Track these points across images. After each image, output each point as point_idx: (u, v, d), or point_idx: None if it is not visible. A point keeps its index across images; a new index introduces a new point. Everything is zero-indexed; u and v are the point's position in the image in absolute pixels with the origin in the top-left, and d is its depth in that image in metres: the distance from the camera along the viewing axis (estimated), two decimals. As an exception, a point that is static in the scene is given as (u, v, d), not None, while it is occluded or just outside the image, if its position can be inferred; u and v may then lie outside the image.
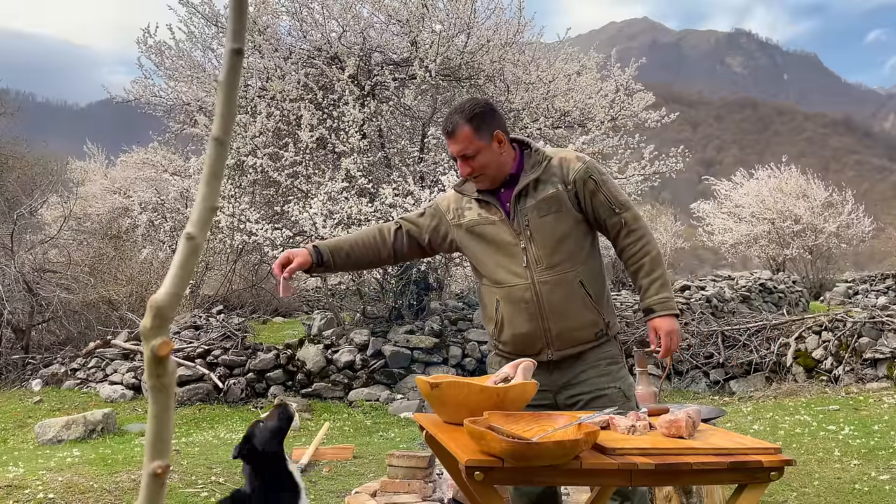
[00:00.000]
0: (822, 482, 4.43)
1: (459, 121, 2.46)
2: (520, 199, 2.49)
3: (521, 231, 2.47)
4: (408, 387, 8.33)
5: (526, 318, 2.47)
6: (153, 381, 0.63)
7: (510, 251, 2.49)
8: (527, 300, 2.46)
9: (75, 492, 4.39)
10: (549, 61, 10.17)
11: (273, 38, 9.07)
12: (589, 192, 2.50)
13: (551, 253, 2.46)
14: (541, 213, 2.47)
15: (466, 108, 2.49)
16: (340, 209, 8.07)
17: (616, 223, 2.51)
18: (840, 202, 20.49)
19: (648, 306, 2.49)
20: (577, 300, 2.47)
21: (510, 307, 2.49)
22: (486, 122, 2.47)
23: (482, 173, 2.50)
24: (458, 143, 2.47)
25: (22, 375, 9.66)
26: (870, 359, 7.83)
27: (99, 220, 16.10)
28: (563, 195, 2.48)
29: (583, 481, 2.21)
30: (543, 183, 2.49)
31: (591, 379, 2.49)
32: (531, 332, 2.47)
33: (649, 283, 2.49)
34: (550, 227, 2.46)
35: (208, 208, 0.64)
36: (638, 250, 2.51)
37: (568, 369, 2.51)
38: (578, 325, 2.48)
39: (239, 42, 0.64)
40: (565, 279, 2.46)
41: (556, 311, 2.45)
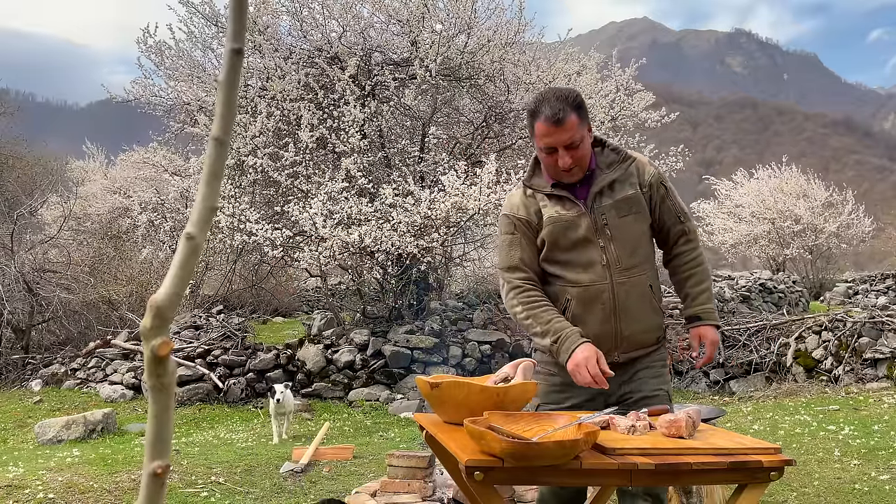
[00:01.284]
0: (822, 482, 4.43)
1: (568, 109, 2.35)
2: (597, 197, 2.44)
3: (600, 229, 2.42)
4: (408, 387, 8.32)
5: (600, 318, 2.42)
6: (153, 381, 0.63)
7: (588, 249, 2.43)
8: (603, 301, 2.42)
9: (75, 492, 4.39)
10: (549, 61, 10.17)
11: (273, 38, 9.07)
12: (660, 197, 2.50)
13: (630, 254, 2.43)
14: (620, 214, 2.43)
15: (570, 96, 2.39)
16: (340, 209, 8.07)
17: (679, 231, 2.55)
18: (840, 202, 20.49)
19: (696, 314, 2.53)
20: (647, 303, 2.47)
21: (584, 307, 2.43)
22: (584, 111, 2.41)
23: (579, 164, 2.40)
24: (567, 132, 2.35)
25: (22, 375, 9.66)
26: (870, 359, 7.83)
27: (99, 220, 16.10)
28: (640, 197, 2.47)
29: (583, 481, 2.21)
30: (621, 183, 2.46)
31: (646, 379, 2.49)
32: (603, 333, 2.42)
33: (699, 293, 2.53)
34: (629, 229, 2.44)
35: (208, 208, 0.64)
36: (692, 259, 2.56)
37: (624, 372, 2.49)
38: (646, 329, 2.48)
39: (239, 42, 0.64)
40: (639, 282, 2.45)
41: (629, 313, 2.43)
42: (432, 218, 8.08)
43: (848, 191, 20.88)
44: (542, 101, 2.38)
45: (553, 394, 2.47)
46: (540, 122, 2.37)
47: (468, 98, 9.95)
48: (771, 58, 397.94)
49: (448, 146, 9.82)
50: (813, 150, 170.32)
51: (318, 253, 8.07)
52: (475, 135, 9.92)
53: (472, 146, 9.80)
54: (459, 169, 8.33)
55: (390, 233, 7.96)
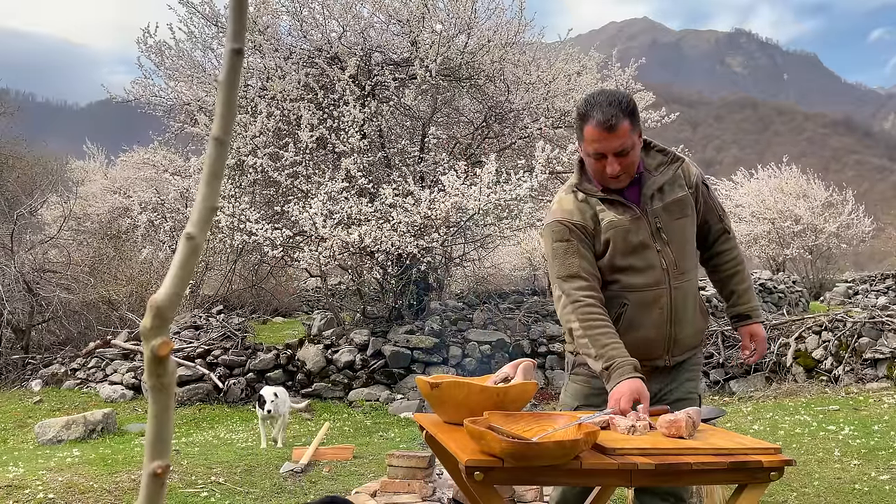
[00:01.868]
0: (822, 482, 4.43)
1: (621, 115, 2.26)
2: (649, 200, 2.38)
3: (655, 233, 2.37)
4: (408, 387, 8.33)
5: (656, 323, 2.37)
6: (153, 381, 0.63)
7: (645, 254, 2.36)
8: (661, 305, 2.36)
9: (75, 492, 4.39)
10: (549, 61, 10.17)
11: (273, 38, 9.07)
12: (703, 196, 2.49)
13: (684, 258, 2.40)
14: (673, 217, 2.39)
15: (623, 101, 2.30)
16: (340, 209, 8.07)
17: (720, 229, 2.54)
18: (840, 202, 20.49)
19: (744, 312, 2.52)
20: (696, 307, 2.45)
21: (640, 311, 2.37)
22: (637, 116, 2.34)
23: (627, 171, 2.33)
24: (618, 139, 2.27)
25: (22, 375, 9.66)
26: (870, 359, 7.83)
27: (99, 220, 16.10)
28: (689, 199, 2.43)
29: (583, 481, 2.21)
30: (671, 185, 2.41)
31: (683, 382, 2.48)
32: (656, 338, 2.38)
33: (744, 290, 2.53)
34: (682, 231, 2.41)
35: (208, 208, 0.64)
36: (734, 257, 2.55)
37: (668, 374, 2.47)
38: (694, 332, 2.46)
39: (239, 42, 0.64)
40: (691, 285, 2.42)
41: (682, 317, 2.40)
42: (432, 218, 8.08)
43: (848, 191, 20.88)
44: (594, 105, 2.29)
45: (594, 396, 2.42)
46: (590, 127, 2.28)
47: (468, 98, 9.95)
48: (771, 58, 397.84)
49: (448, 146, 9.82)
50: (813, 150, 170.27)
51: (318, 253, 8.07)
52: (475, 135, 9.93)
53: (472, 146, 9.80)
54: (459, 169, 8.33)
55: (390, 233, 7.97)
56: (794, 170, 20.98)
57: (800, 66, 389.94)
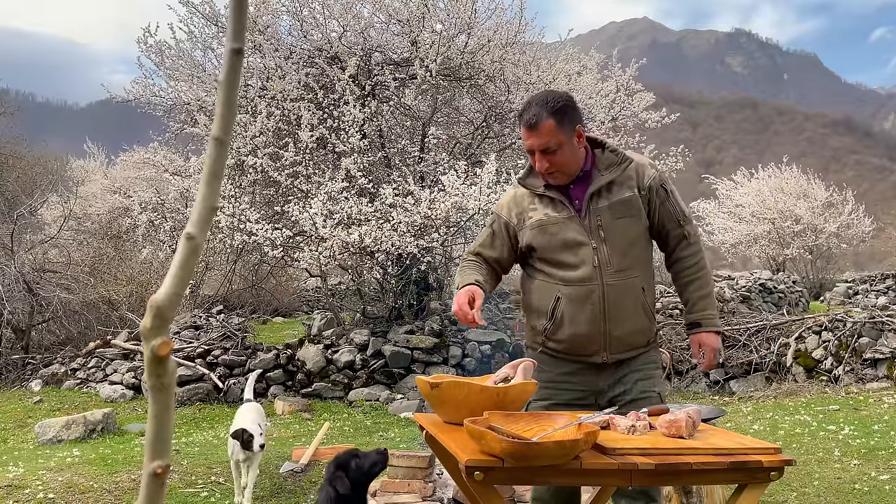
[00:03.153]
0: (822, 482, 4.43)
1: (543, 113, 2.37)
2: (593, 198, 2.45)
3: (593, 231, 2.44)
4: (408, 387, 8.32)
5: (589, 318, 2.44)
6: (153, 381, 0.63)
7: (579, 250, 2.44)
8: (593, 301, 2.43)
9: (75, 492, 4.39)
10: (549, 61, 10.17)
11: (273, 38, 9.07)
12: (659, 200, 2.50)
13: (622, 256, 2.44)
14: (615, 216, 2.44)
15: (550, 100, 2.40)
16: (340, 209, 8.07)
17: (679, 235, 2.54)
18: (840, 202, 20.49)
19: (696, 320, 2.54)
20: (638, 306, 2.48)
21: (573, 306, 2.45)
22: (568, 115, 2.41)
23: (559, 169, 2.43)
24: (541, 137, 2.38)
25: (22, 375, 9.66)
26: (870, 359, 7.83)
27: (99, 220, 16.10)
28: (637, 200, 2.47)
29: (583, 481, 2.21)
30: (619, 185, 2.47)
31: (637, 382, 2.50)
32: (591, 333, 2.45)
33: (699, 298, 2.54)
34: (623, 231, 2.45)
35: (208, 208, 0.64)
36: (694, 264, 2.55)
37: (614, 373, 2.50)
38: (635, 330, 2.49)
39: (239, 42, 0.64)
40: (631, 284, 2.45)
41: (618, 315, 2.44)
42: (432, 218, 8.08)
43: (848, 191, 20.88)
44: (527, 104, 2.46)
45: (541, 390, 2.47)
46: (521, 125, 2.46)
47: (468, 98, 9.95)
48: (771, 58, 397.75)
49: (448, 146, 9.82)
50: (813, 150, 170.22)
51: (318, 253, 8.07)
52: (475, 135, 9.93)
53: (472, 146, 9.80)
54: (459, 169, 8.33)
55: (390, 233, 7.96)
56: (794, 170, 20.98)
57: (800, 66, 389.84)
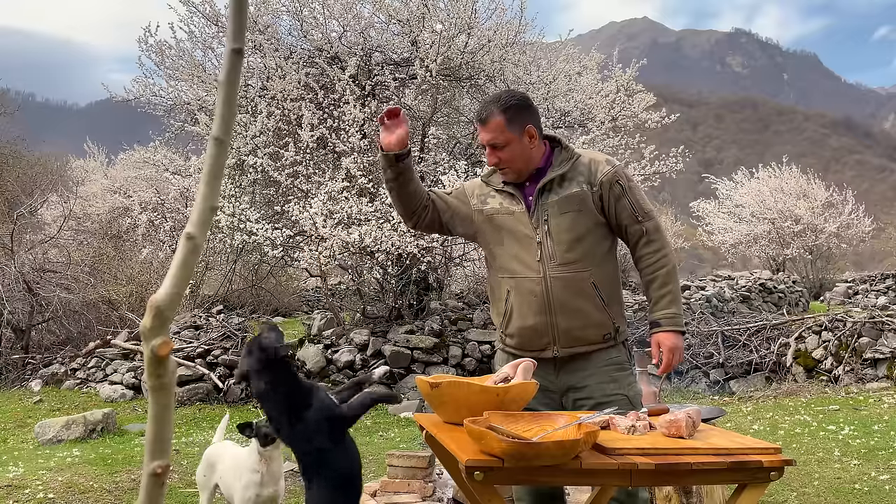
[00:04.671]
0: (822, 482, 4.43)
1: (494, 110, 2.48)
2: (542, 194, 2.51)
3: (540, 225, 2.49)
4: (408, 387, 8.32)
5: (534, 310, 2.47)
6: (153, 381, 0.63)
7: (525, 243, 2.50)
8: (536, 293, 2.47)
9: (75, 492, 4.39)
10: (549, 62, 10.17)
11: (273, 38, 9.07)
12: (614, 196, 2.51)
13: (566, 250, 2.46)
14: (561, 210, 2.48)
15: (503, 98, 2.51)
16: (340, 209, 8.07)
17: (637, 231, 2.53)
18: (840, 202, 20.50)
19: (655, 319, 2.51)
20: (588, 300, 2.47)
21: (519, 299, 2.50)
22: (519, 114, 2.49)
23: (508, 166, 2.52)
24: (489, 133, 2.49)
25: (22, 375, 9.66)
26: (870, 359, 7.83)
27: (99, 220, 16.09)
28: (586, 195, 2.49)
29: (583, 481, 2.21)
30: (569, 181, 2.51)
31: (598, 384, 2.48)
32: (538, 325, 2.48)
33: (660, 297, 2.51)
34: (569, 225, 2.47)
35: (208, 208, 0.64)
36: (655, 261, 2.52)
37: (574, 372, 2.50)
38: (586, 325, 2.48)
39: (239, 42, 0.64)
40: (578, 278, 2.46)
41: (564, 307, 2.46)
42: (432, 218, 8.08)
43: (848, 191, 20.89)
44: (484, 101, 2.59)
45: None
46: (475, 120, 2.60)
47: (468, 98, 9.95)
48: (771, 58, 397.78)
49: (448, 146, 9.82)
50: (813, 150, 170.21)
51: (318, 253, 8.07)
52: (475, 135, 9.93)
53: (472, 146, 9.80)
54: (459, 169, 8.33)
55: (390, 233, 7.96)
56: (794, 170, 20.99)
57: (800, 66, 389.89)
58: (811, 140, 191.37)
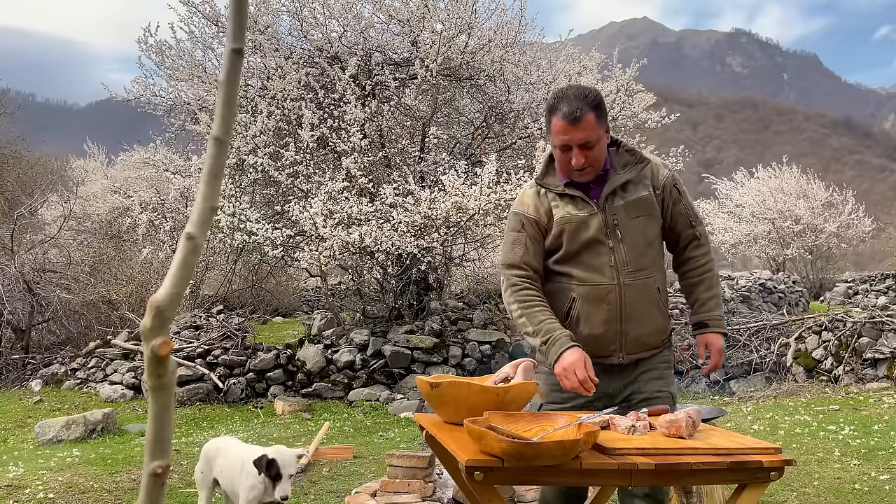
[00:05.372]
0: (822, 482, 4.43)
1: (586, 108, 2.33)
2: (609, 198, 2.42)
3: (610, 230, 2.41)
4: (408, 387, 8.32)
5: (605, 319, 2.41)
6: (153, 381, 0.63)
7: (597, 249, 2.41)
8: (609, 301, 2.40)
9: (75, 492, 4.39)
10: (549, 62, 10.17)
11: (274, 38, 9.07)
12: (672, 200, 2.49)
13: (639, 256, 2.42)
14: (632, 215, 2.42)
15: (589, 95, 2.37)
16: (341, 209, 8.07)
17: (690, 235, 2.53)
18: (840, 202, 20.51)
19: (703, 321, 2.52)
20: (654, 306, 2.46)
21: (589, 307, 2.41)
22: (603, 110, 2.39)
23: (592, 165, 2.39)
24: (583, 132, 2.33)
25: (22, 375, 9.66)
26: (870, 359, 7.83)
27: (99, 220, 16.10)
28: (652, 199, 2.45)
29: (583, 481, 2.21)
30: (635, 184, 2.44)
31: (650, 381, 2.48)
32: (607, 333, 2.42)
33: (708, 298, 2.52)
34: (640, 230, 2.42)
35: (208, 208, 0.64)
36: (703, 264, 2.54)
37: (629, 374, 2.48)
38: (652, 331, 2.46)
39: (239, 42, 0.64)
40: (647, 284, 2.43)
41: (635, 315, 2.41)
42: (432, 218, 8.08)
43: (848, 191, 20.91)
44: (562, 98, 2.36)
45: (556, 393, 2.45)
46: (557, 119, 2.35)
47: (468, 98, 9.95)
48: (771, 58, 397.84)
49: (448, 146, 9.82)
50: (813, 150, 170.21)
51: (318, 253, 8.07)
52: (475, 135, 9.93)
53: (472, 146, 9.80)
54: (460, 169, 8.33)
55: (390, 233, 7.96)
56: (794, 170, 21.00)
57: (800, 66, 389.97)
58: (811, 140, 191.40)
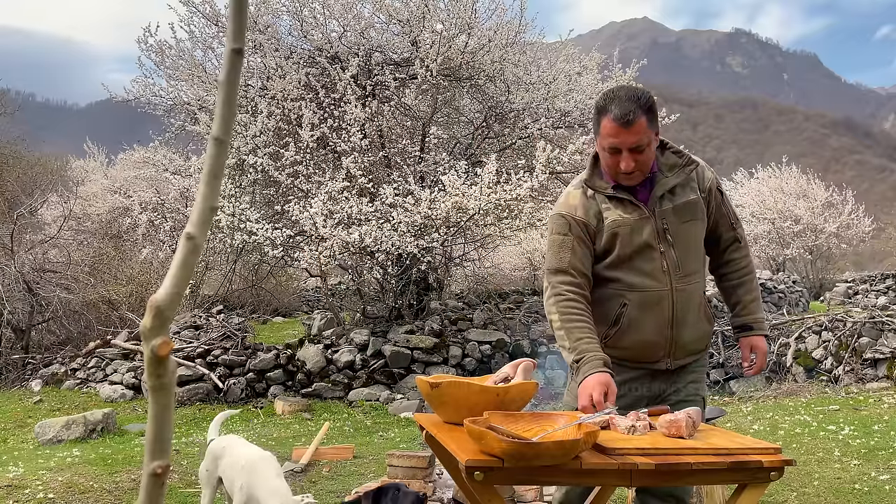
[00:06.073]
0: (822, 482, 4.43)
1: (638, 111, 2.25)
2: (659, 201, 2.36)
3: (661, 234, 2.35)
4: (408, 387, 8.32)
5: (657, 325, 2.36)
6: (153, 381, 0.63)
7: (648, 254, 2.35)
8: (663, 307, 2.36)
9: (75, 492, 4.39)
10: (549, 62, 10.16)
11: (274, 38, 9.07)
12: (716, 203, 2.46)
13: (689, 261, 2.38)
14: (682, 219, 2.37)
15: (642, 97, 2.29)
16: (341, 209, 8.07)
17: (731, 237, 2.51)
18: (840, 202, 20.51)
19: (747, 323, 2.48)
20: (701, 311, 2.43)
21: (640, 313, 2.36)
22: (654, 113, 2.32)
23: (641, 169, 2.32)
24: (634, 135, 2.26)
25: (22, 375, 9.66)
26: (870, 359, 7.83)
27: (99, 220, 16.10)
28: (700, 203, 2.41)
29: (583, 481, 2.21)
30: (683, 187, 2.39)
31: (687, 384, 2.46)
32: (657, 340, 2.38)
33: (750, 301, 2.49)
34: (689, 234, 2.39)
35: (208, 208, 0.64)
36: (744, 266, 2.52)
37: (671, 377, 2.46)
38: (699, 336, 2.44)
39: (239, 42, 0.64)
40: (695, 289, 2.40)
41: (685, 320, 2.38)
42: (432, 218, 8.08)
43: (848, 191, 20.91)
44: (613, 99, 2.28)
45: None
46: (607, 121, 2.27)
47: (468, 98, 9.95)
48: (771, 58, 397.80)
49: (448, 146, 9.82)
50: (813, 150, 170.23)
51: (318, 253, 8.07)
52: (475, 135, 9.93)
53: (473, 146, 9.80)
54: (460, 169, 8.33)
55: (390, 233, 7.96)
56: (794, 170, 21.01)
57: (800, 66, 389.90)
58: (811, 140, 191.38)
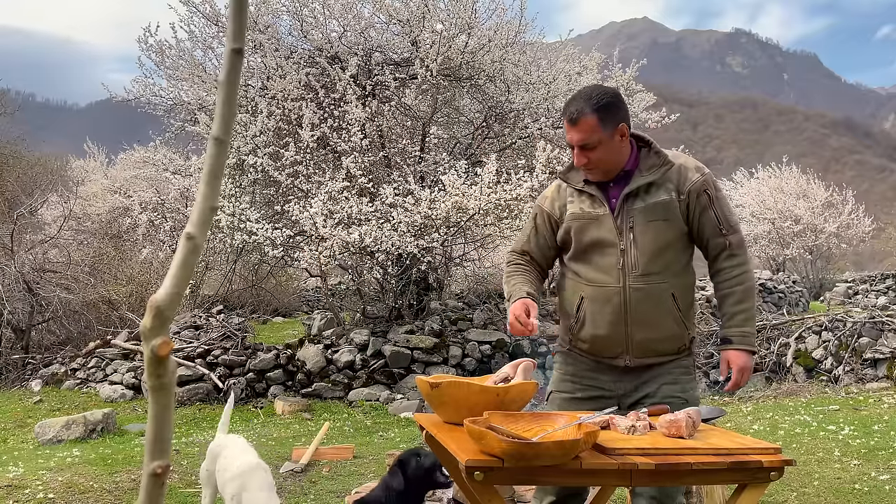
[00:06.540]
0: (822, 482, 4.43)
1: (585, 109, 2.33)
2: (629, 199, 2.39)
3: (624, 232, 2.38)
4: (408, 387, 8.32)
5: (610, 321, 2.39)
6: (153, 381, 0.63)
7: (607, 250, 2.40)
8: (614, 304, 2.38)
9: (75, 492, 4.39)
10: (549, 62, 10.16)
11: (274, 38, 9.07)
12: (701, 206, 2.41)
13: (650, 261, 2.37)
14: (648, 218, 2.37)
15: (595, 95, 2.35)
16: (341, 209, 8.07)
17: (719, 244, 2.44)
18: (840, 202, 20.52)
19: (727, 336, 2.43)
20: (666, 313, 2.40)
21: (595, 307, 2.41)
22: (611, 113, 2.35)
23: (597, 166, 2.38)
24: (580, 133, 2.34)
25: (22, 375, 9.66)
26: (870, 359, 7.83)
27: (99, 220, 16.10)
28: (674, 204, 2.39)
29: (583, 481, 2.21)
30: (657, 187, 2.40)
31: (662, 386, 2.43)
32: (612, 335, 2.40)
33: (735, 313, 2.43)
34: (655, 234, 2.38)
35: (208, 208, 0.64)
36: (734, 276, 2.44)
37: (639, 376, 2.45)
38: (663, 338, 2.42)
39: (239, 42, 0.64)
40: (658, 289, 2.38)
41: (642, 319, 2.37)
42: (432, 218, 8.08)
43: (848, 191, 20.93)
44: (572, 98, 2.42)
45: (565, 382, 2.51)
46: (564, 118, 2.44)
47: (468, 98, 9.95)
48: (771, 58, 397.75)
49: (448, 146, 9.83)
50: (813, 150, 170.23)
51: (319, 253, 8.07)
52: (475, 135, 9.93)
53: (473, 146, 9.80)
54: (460, 169, 8.33)
55: (390, 233, 7.96)
56: (794, 170, 21.03)
57: (800, 66, 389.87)
58: (811, 140, 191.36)
